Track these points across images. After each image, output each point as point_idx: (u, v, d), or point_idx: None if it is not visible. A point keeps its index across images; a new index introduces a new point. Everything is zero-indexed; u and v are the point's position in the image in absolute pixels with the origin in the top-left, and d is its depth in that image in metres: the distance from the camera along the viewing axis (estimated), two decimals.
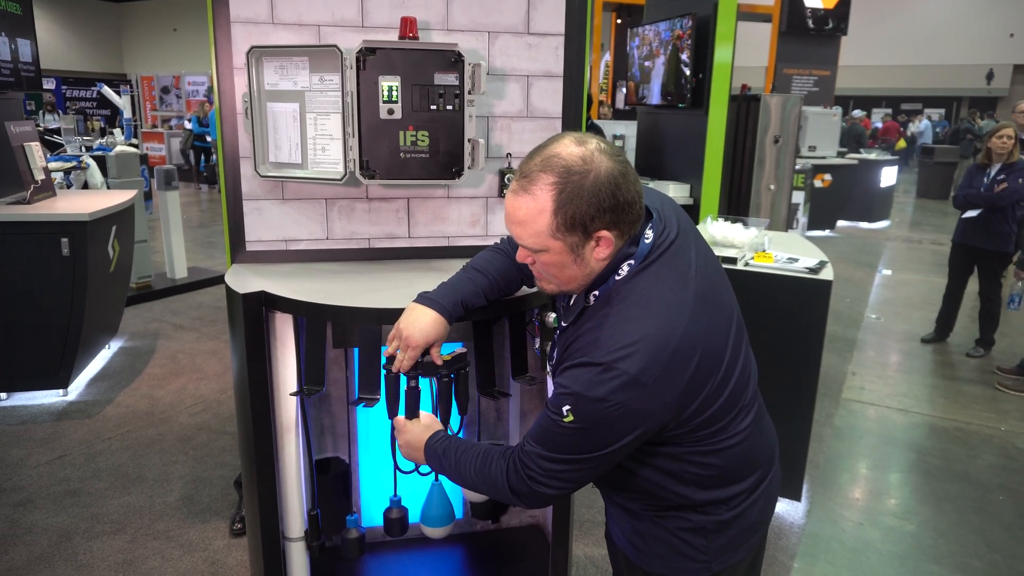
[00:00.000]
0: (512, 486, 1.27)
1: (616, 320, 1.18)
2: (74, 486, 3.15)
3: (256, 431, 1.74)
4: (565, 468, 1.23)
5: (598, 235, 1.17)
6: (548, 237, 1.18)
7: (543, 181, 1.15)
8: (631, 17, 8.97)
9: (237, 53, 1.82)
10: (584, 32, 1.99)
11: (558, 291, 1.29)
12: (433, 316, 1.47)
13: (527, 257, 1.26)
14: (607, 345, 1.15)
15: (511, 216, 1.21)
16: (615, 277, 1.22)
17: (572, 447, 1.20)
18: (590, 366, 1.15)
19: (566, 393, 1.17)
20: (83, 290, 3.80)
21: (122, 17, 26.35)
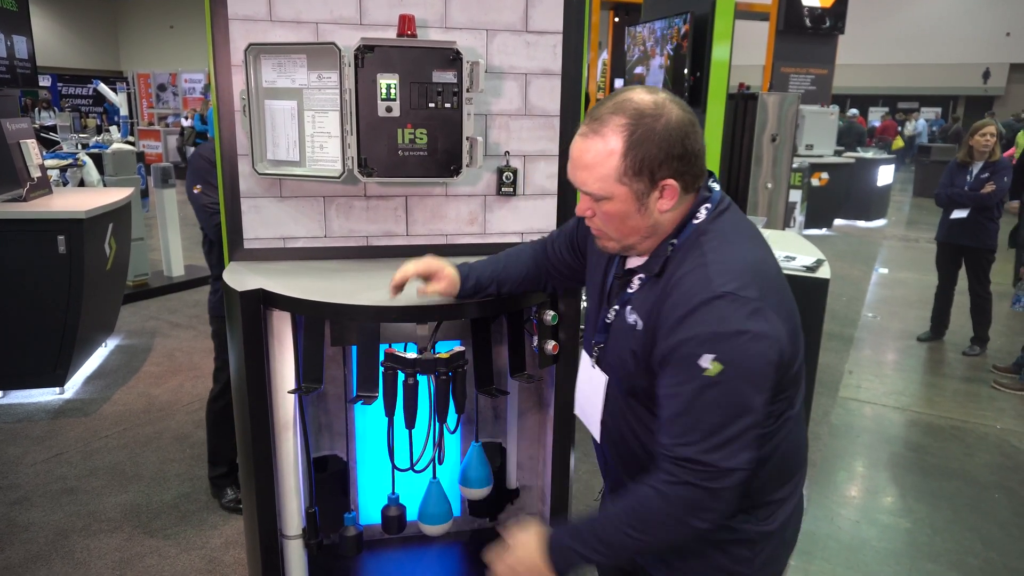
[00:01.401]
0: (693, 504, 1.10)
1: (718, 254, 1.13)
2: (71, 484, 3.14)
3: (254, 429, 1.74)
4: (733, 435, 1.08)
5: (664, 183, 1.15)
6: (614, 182, 1.15)
7: (614, 123, 1.13)
8: (628, 15, 8.97)
9: (235, 51, 1.82)
10: (582, 30, 1.99)
11: (618, 248, 1.24)
12: (452, 270, 1.54)
13: (588, 209, 1.22)
14: (720, 277, 1.10)
15: (577, 160, 1.18)
16: (693, 221, 1.19)
17: (729, 403, 1.08)
18: (712, 301, 1.08)
19: (699, 340, 1.07)
20: (80, 288, 3.79)
21: (118, 14, 26.27)
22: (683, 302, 1.11)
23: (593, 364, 1.35)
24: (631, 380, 1.24)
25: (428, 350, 1.72)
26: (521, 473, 2.25)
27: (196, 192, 2.70)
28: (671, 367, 1.12)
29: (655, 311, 1.16)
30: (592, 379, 1.35)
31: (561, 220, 2.12)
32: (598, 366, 1.33)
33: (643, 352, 1.18)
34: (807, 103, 8.96)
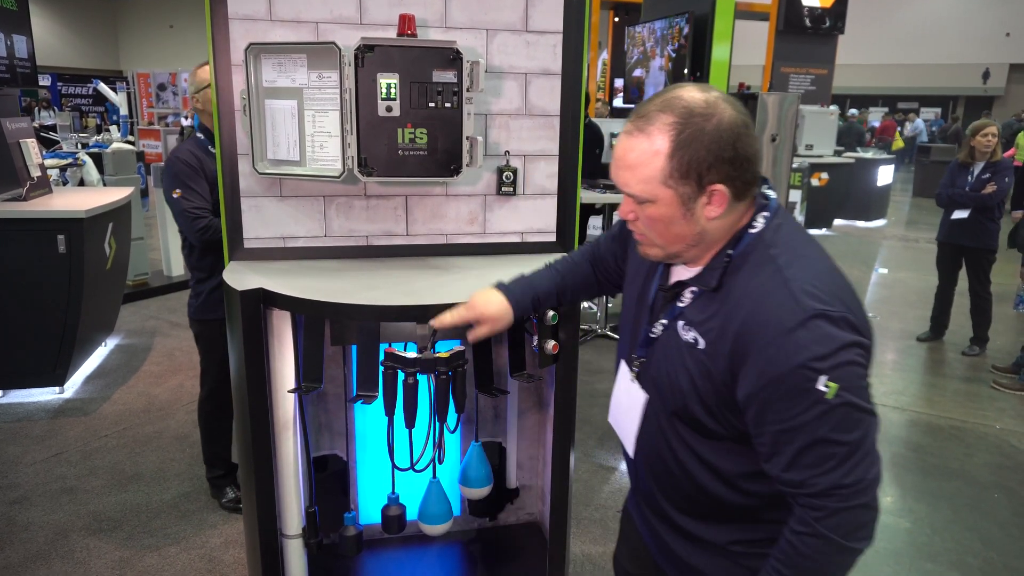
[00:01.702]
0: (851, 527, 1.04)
1: (796, 270, 1.05)
2: (70, 484, 3.14)
3: (254, 428, 1.74)
4: (867, 447, 1.03)
5: (712, 188, 1.07)
6: (659, 184, 1.07)
7: (661, 121, 1.06)
8: (628, 15, 8.97)
9: (235, 50, 1.82)
10: (582, 30, 1.99)
11: (663, 256, 1.17)
12: (501, 299, 1.47)
13: (630, 212, 1.15)
14: (807, 296, 1.02)
15: (621, 159, 1.11)
16: (750, 231, 1.11)
17: (853, 419, 1.01)
18: (808, 322, 1.00)
19: (810, 365, 0.99)
20: (79, 287, 3.79)
21: (118, 13, 26.26)
22: (774, 325, 1.02)
23: (632, 379, 1.27)
24: (682, 402, 1.16)
25: (428, 349, 1.72)
26: (521, 473, 2.25)
27: (176, 197, 2.61)
28: (782, 400, 1.02)
29: (724, 331, 1.08)
30: (631, 394, 1.29)
31: (561, 220, 2.12)
32: (637, 382, 1.26)
33: (706, 374, 1.11)
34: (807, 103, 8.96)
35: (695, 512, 1.25)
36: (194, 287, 2.79)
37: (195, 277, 2.78)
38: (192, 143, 2.72)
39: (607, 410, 1.45)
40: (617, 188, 1.15)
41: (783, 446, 1.04)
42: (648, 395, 1.24)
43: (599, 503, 3.14)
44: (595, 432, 3.78)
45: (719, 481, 1.18)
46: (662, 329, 1.20)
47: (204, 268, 2.73)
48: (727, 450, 1.15)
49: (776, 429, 1.04)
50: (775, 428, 1.04)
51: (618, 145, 1.12)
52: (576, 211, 2.13)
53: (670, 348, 1.18)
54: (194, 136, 2.75)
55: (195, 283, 2.78)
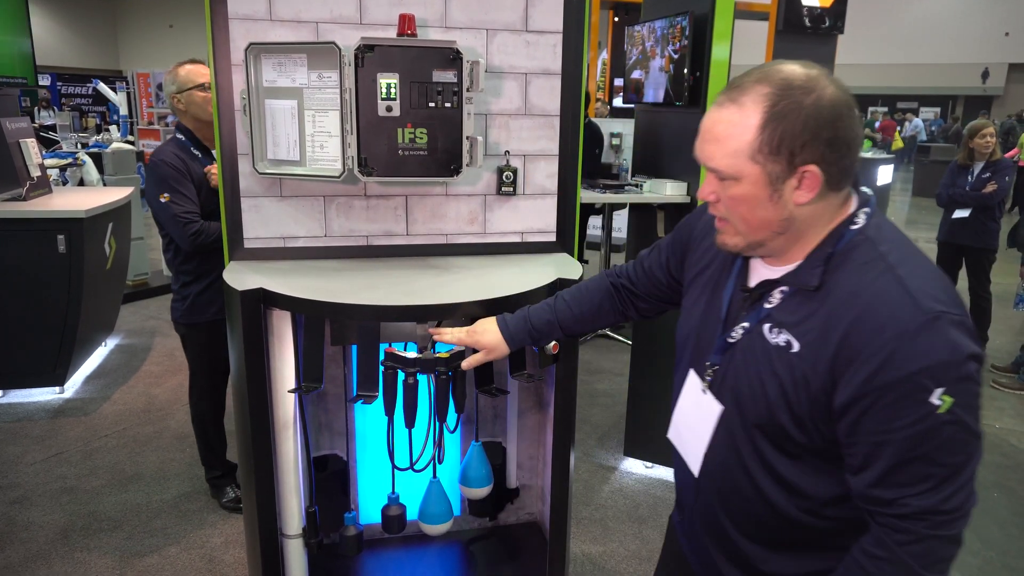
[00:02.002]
0: (934, 557, 0.96)
1: (909, 268, 0.97)
2: (71, 483, 3.14)
3: (254, 428, 1.74)
4: (970, 472, 0.95)
5: (804, 169, 0.98)
6: (746, 159, 0.99)
7: (756, 92, 0.98)
8: (628, 15, 8.96)
9: (235, 50, 1.82)
10: (582, 30, 1.99)
11: (744, 245, 1.07)
12: (497, 330, 1.48)
13: (711, 193, 1.06)
14: (925, 297, 0.93)
15: (707, 132, 1.03)
16: (852, 227, 1.03)
17: (962, 440, 0.93)
18: (931, 324, 0.91)
19: (928, 372, 0.90)
20: (79, 287, 3.79)
21: (118, 13, 26.26)
22: (892, 328, 0.93)
23: (704, 389, 1.17)
24: (767, 412, 1.06)
25: (428, 349, 1.72)
26: (521, 473, 2.25)
27: (164, 201, 2.53)
28: (886, 408, 0.94)
29: (827, 332, 0.98)
30: (701, 406, 1.18)
31: (561, 220, 2.12)
32: (710, 391, 1.16)
33: (800, 380, 1.01)
34: None
35: (763, 538, 1.15)
36: (179, 290, 2.74)
37: (180, 280, 2.72)
38: (174, 145, 2.65)
39: (607, 410, 1.43)
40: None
41: (877, 459, 0.96)
42: (724, 406, 1.14)
43: (599, 503, 3.15)
44: (595, 432, 3.78)
45: (795, 503, 1.09)
46: (743, 333, 1.10)
47: (189, 271, 2.69)
48: (809, 469, 1.07)
49: (874, 439, 0.95)
50: (873, 438, 0.95)
51: (706, 118, 1.04)
52: (576, 211, 2.13)
53: (754, 353, 1.08)
54: (175, 138, 2.69)
55: (180, 286, 2.73)
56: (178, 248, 2.66)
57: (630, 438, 3.47)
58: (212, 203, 2.64)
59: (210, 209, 2.64)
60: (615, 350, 5.10)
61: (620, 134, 6.33)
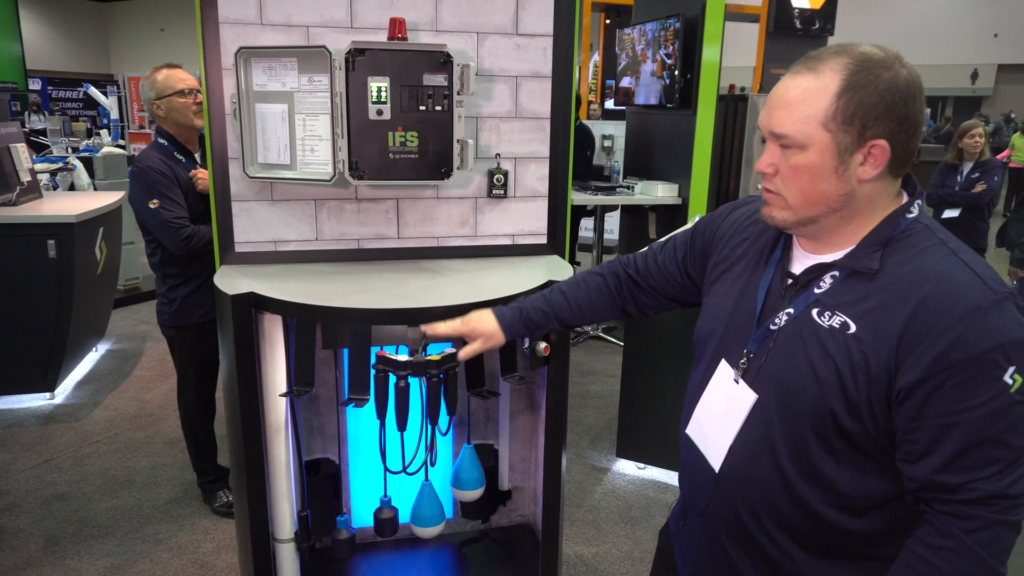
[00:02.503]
0: (1001, 546, 0.95)
1: (969, 254, 0.99)
2: (61, 490, 3.13)
3: (246, 432, 1.74)
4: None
5: (873, 143, 0.97)
6: (817, 125, 0.98)
7: (835, 61, 0.98)
8: (620, 17, 9.00)
9: (225, 54, 1.82)
10: (572, 33, 2.00)
11: (793, 221, 1.05)
12: (494, 320, 1.44)
13: (770, 165, 1.04)
14: (992, 280, 0.95)
15: (779, 98, 1.02)
16: (907, 215, 1.04)
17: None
18: (1002, 303, 0.92)
19: (1002, 349, 0.90)
20: (70, 292, 3.77)
21: (109, 17, 26.16)
22: (965, 305, 0.92)
23: (737, 378, 1.13)
24: (818, 397, 1.02)
25: (419, 352, 1.72)
26: (513, 475, 2.25)
27: (154, 208, 2.52)
28: (958, 388, 0.92)
29: (890, 312, 0.97)
30: (732, 397, 1.13)
31: (552, 222, 2.13)
32: (743, 381, 1.12)
33: (859, 360, 0.98)
34: None
35: (791, 538, 1.10)
36: (166, 294, 2.72)
37: (167, 284, 2.70)
38: (157, 150, 2.64)
39: (599, 411, 1.41)
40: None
41: (943, 443, 0.93)
42: (759, 395, 1.09)
43: (592, 504, 3.15)
44: (587, 433, 3.79)
45: (829, 500, 1.05)
46: (787, 319, 1.06)
47: (176, 275, 2.68)
48: (850, 465, 1.03)
49: (941, 422, 0.93)
50: (940, 421, 0.93)
51: (779, 85, 1.03)
52: (567, 213, 2.14)
53: (802, 339, 1.04)
54: (156, 143, 2.67)
55: (167, 289, 2.71)
56: (164, 252, 2.65)
57: (622, 439, 3.48)
58: (199, 207, 2.64)
59: (198, 212, 2.64)
60: (607, 351, 5.11)
61: (612, 136, 6.35)
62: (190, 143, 2.71)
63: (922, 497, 0.98)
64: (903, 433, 0.98)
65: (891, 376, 0.97)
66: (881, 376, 0.97)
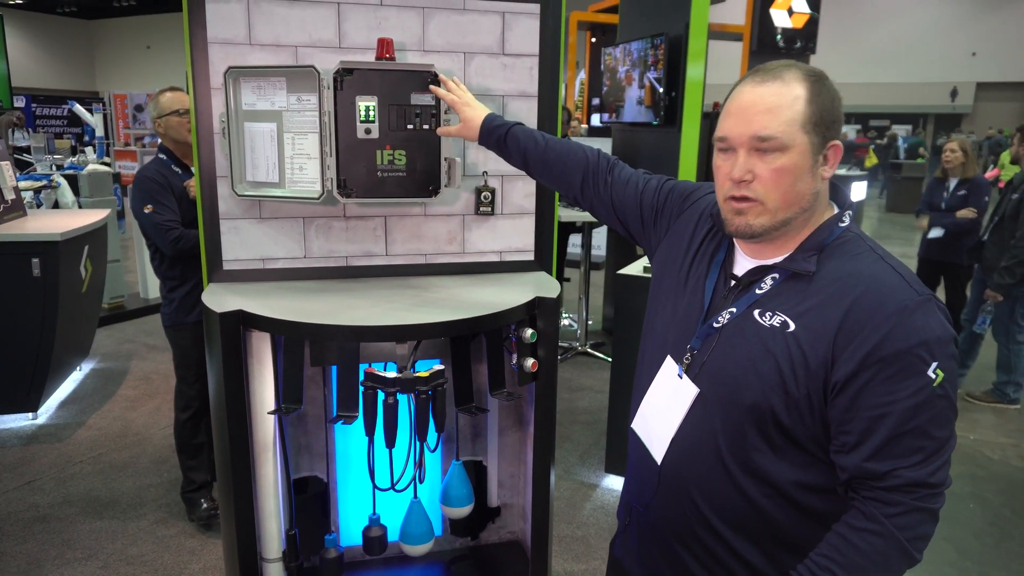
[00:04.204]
0: (919, 532, 1.01)
1: (896, 261, 1.07)
2: (44, 512, 3.08)
3: (233, 450, 1.73)
4: (951, 449, 1.02)
5: (832, 144, 1.07)
6: (799, 128, 1.04)
7: (793, 72, 1.06)
8: (605, 35, 9.11)
9: (214, 74, 1.83)
10: (558, 52, 2.03)
11: (768, 225, 1.09)
12: (481, 114, 1.58)
13: (748, 172, 1.07)
14: (916, 283, 1.03)
15: (753, 104, 1.06)
16: (840, 224, 1.12)
17: (948, 416, 1.01)
18: (925, 304, 1.00)
19: (927, 346, 0.98)
20: (54, 311, 3.74)
21: (94, 34, 26.14)
22: (894, 304, 1.00)
23: (681, 373, 1.19)
24: (760, 393, 1.08)
25: (408, 369, 1.72)
26: (502, 491, 2.25)
27: (148, 212, 2.80)
28: (887, 381, 0.99)
29: (827, 311, 1.04)
30: (675, 391, 1.19)
31: (539, 239, 2.14)
32: (687, 376, 1.18)
33: (798, 357, 1.05)
34: None
35: (733, 525, 1.16)
36: (167, 295, 2.93)
37: (167, 285, 2.92)
38: (157, 162, 2.93)
39: (588, 427, 1.43)
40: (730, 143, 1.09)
41: (873, 433, 1.00)
42: (700, 389, 1.15)
43: (581, 521, 3.14)
44: (576, 449, 3.79)
45: (765, 491, 1.11)
46: (730, 318, 1.14)
47: (175, 276, 2.89)
48: (787, 457, 1.10)
49: (872, 413, 1.00)
50: (871, 412, 1.00)
51: (745, 94, 1.08)
52: (554, 230, 2.16)
53: (744, 336, 1.11)
54: (157, 157, 2.96)
55: (168, 291, 2.92)
56: (163, 255, 2.87)
57: (611, 455, 3.48)
58: (192, 213, 2.85)
59: (191, 218, 2.85)
60: (595, 367, 5.12)
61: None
62: (187, 157, 2.97)
63: (852, 485, 1.05)
64: (837, 425, 1.05)
65: (827, 370, 1.04)
66: (819, 371, 1.04)
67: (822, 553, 1.05)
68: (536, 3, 1.98)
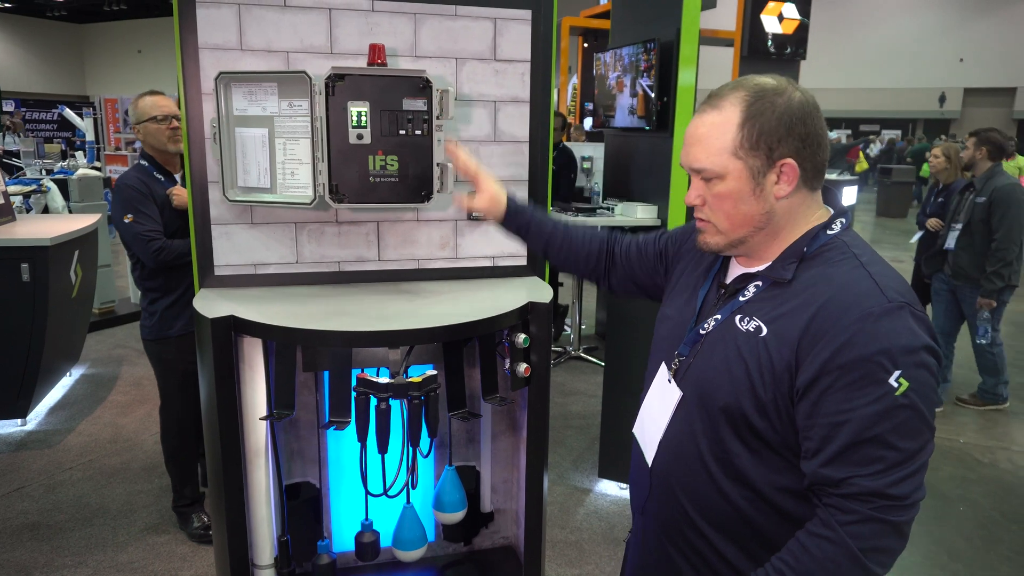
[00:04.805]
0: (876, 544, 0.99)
1: (879, 267, 1.06)
2: (33, 519, 3.06)
3: (225, 456, 1.72)
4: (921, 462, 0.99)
5: (782, 163, 1.07)
6: (729, 156, 1.07)
7: (734, 96, 1.08)
8: (597, 40, 9.14)
9: (205, 79, 1.83)
10: (550, 58, 2.04)
11: (724, 244, 1.14)
12: (504, 193, 1.54)
13: (698, 197, 1.12)
14: (891, 290, 1.01)
15: (690, 135, 1.11)
16: (828, 232, 1.11)
17: (915, 427, 0.98)
18: (894, 312, 0.98)
19: (888, 354, 0.96)
20: (43, 316, 3.71)
21: (84, 39, 26.04)
22: (857, 310, 0.99)
23: (670, 379, 1.22)
24: (732, 396, 1.09)
25: (400, 374, 1.72)
26: (495, 496, 2.25)
27: (128, 221, 2.69)
28: (846, 388, 0.99)
29: (796, 316, 1.05)
30: (664, 395, 1.23)
31: None
32: (674, 380, 1.21)
33: (766, 362, 1.06)
34: None
35: (717, 526, 1.16)
36: (147, 307, 2.83)
37: (148, 297, 2.83)
38: (137, 170, 2.82)
39: (581, 432, 1.45)
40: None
41: (832, 440, 0.99)
42: (683, 393, 1.18)
43: (574, 525, 3.14)
44: (569, 454, 3.79)
45: (744, 493, 1.12)
46: (715, 324, 1.16)
47: (156, 288, 2.79)
48: (762, 460, 1.10)
49: (831, 420, 1.00)
50: (830, 419, 1.00)
51: (689, 126, 1.12)
52: None
53: (723, 341, 1.13)
54: (139, 163, 2.86)
55: (148, 303, 2.83)
56: (144, 266, 2.77)
57: (604, 460, 3.48)
58: (175, 223, 2.78)
59: (174, 228, 2.77)
60: (588, 372, 5.13)
61: (591, 158, 6.41)
62: (169, 164, 2.87)
63: (813, 491, 1.05)
64: (802, 431, 1.05)
65: (792, 375, 1.04)
66: (784, 375, 1.05)
67: (780, 557, 1.06)
68: (527, 9, 1.99)
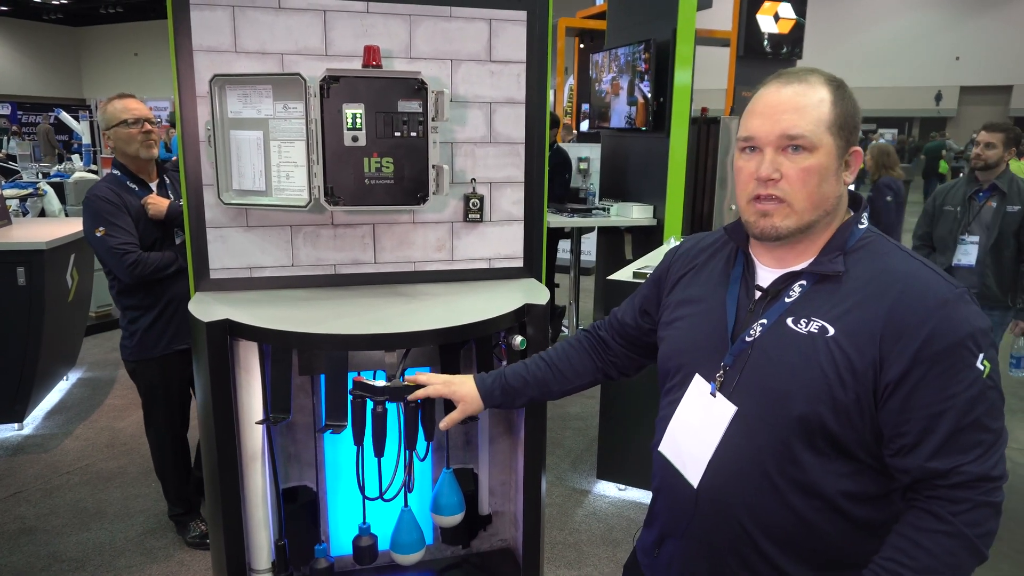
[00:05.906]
0: (988, 528, 0.99)
1: (917, 255, 1.08)
2: (30, 524, 3.05)
3: (221, 460, 1.72)
4: (1002, 449, 1.00)
5: (853, 150, 1.08)
6: (826, 129, 1.05)
7: (816, 77, 1.07)
8: (593, 42, 9.15)
9: (200, 82, 1.82)
10: (545, 59, 2.04)
11: (796, 227, 1.07)
12: (472, 384, 1.44)
13: (775, 171, 1.05)
14: (943, 274, 1.04)
15: (782, 103, 1.06)
16: (859, 226, 1.11)
17: (999, 407, 1.00)
18: (963, 296, 1.01)
19: (973, 338, 0.97)
20: (40, 320, 3.70)
21: (81, 42, 26.01)
22: (934, 298, 0.99)
23: (713, 391, 1.13)
24: (806, 402, 1.03)
25: (397, 377, 1.71)
26: (493, 499, 2.24)
27: (100, 235, 2.52)
28: (941, 377, 0.98)
29: (867, 312, 1.02)
30: (709, 411, 1.14)
31: (528, 246, 2.14)
32: (721, 393, 1.12)
33: (843, 361, 1.01)
34: None
35: (781, 544, 1.10)
36: (127, 326, 2.68)
37: (127, 316, 2.68)
38: (110, 180, 2.64)
39: (579, 433, 1.41)
40: (753, 142, 1.08)
41: (933, 432, 0.98)
42: (738, 407, 1.10)
43: (573, 527, 3.14)
44: (567, 456, 3.78)
45: (819, 507, 1.07)
46: (761, 330, 1.09)
47: (134, 306, 2.65)
48: (836, 469, 1.05)
49: (929, 411, 0.98)
50: (928, 411, 0.98)
51: (771, 95, 1.08)
52: (543, 236, 2.16)
53: (780, 347, 1.07)
54: (110, 173, 2.68)
55: (128, 323, 2.68)
56: (120, 283, 2.63)
57: (603, 461, 3.48)
58: (153, 234, 2.63)
59: (151, 240, 2.62)
60: None
61: (587, 159, 6.41)
62: (143, 172, 2.69)
63: (914, 487, 1.02)
64: (893, 428, 1.01)
65: (876, 372, 1.01)
66: (867, 372, 1.01)
67: (889, 557, 1.01)
68: (523, 10, 1.99)
